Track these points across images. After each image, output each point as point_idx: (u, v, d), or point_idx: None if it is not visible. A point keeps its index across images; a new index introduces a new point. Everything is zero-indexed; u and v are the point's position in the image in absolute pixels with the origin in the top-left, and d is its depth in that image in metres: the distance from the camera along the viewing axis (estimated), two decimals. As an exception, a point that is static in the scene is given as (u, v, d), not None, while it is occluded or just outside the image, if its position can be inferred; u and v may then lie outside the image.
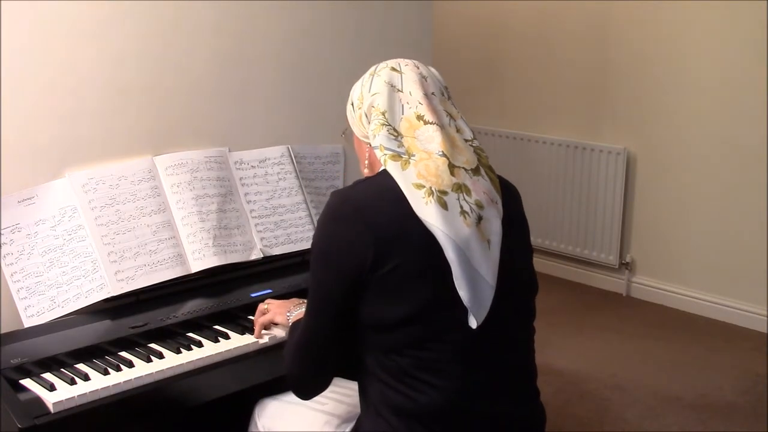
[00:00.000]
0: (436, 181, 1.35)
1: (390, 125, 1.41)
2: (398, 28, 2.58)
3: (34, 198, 1.82)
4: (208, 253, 1.96)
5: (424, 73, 1.48)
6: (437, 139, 1.39)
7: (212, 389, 1.71)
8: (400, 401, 1.38)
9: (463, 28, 4.48)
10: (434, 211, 1.33)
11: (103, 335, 1.72)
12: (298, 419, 1.66)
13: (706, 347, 3.43)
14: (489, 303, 1.35)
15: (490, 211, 1.38)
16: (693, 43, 3.62)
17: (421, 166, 1.36)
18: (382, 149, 1.40)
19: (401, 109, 1.42)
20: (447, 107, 1.46)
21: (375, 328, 1.38)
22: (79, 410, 1.50)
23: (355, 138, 1.55)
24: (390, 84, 1.45)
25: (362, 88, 1.50)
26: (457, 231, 1.33)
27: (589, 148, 4.01)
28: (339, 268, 1.37)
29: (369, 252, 1.33)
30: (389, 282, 1.34)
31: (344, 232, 1.35)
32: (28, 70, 1.81)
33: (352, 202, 1.37)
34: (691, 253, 3.78)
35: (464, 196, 1.36)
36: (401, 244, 1.33)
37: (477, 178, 1.39)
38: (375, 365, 1.41)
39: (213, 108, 2.16)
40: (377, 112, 1.43)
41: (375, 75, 1.48)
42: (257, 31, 2.23)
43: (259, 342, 1.77)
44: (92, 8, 1.90)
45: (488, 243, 1.36)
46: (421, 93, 1.43)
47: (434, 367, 1.36)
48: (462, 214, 1.34)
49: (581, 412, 2.87)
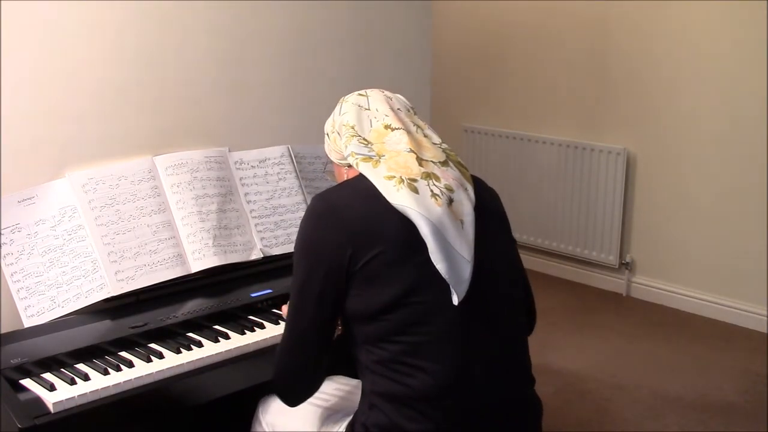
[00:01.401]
0: (405, 171, 1.42)
1: (360, 135, 1.51)
2: (398, 28, 2.58)
3: (34, 198, 1.82)
4: (208, 253, 1.96)
5: (389, 95, 1.59)
6: (404, 140, 1.48)
7: (212, 389, 1.71)
8: (392, 388, 1.40)
9: (463, 28, 4.48)
10: (405, 195, 1.39)
11: (103, 335, 1.72)
12: (301, 416, 1.66)
13: (706, 347, 3.43)
14: (467, 277, 1.39)
15: (460, 194, 1.44)
16: (693, 43, 3.62)
17: (391, 162, 1.44)
18: (354, 155, 1.48)
19: (369, 123, 1.52)
20: (414, 120, 1.56)
21: (362, 319, 1.41)
22: (79, 410, 1.50)
23: (336, 167, 1.63)
24: (357, 105, 1.56)
25: (333, 117, 1.60)
26: (429, 209, 1.38)
27: (589, 148, 4.01)
28: (319, 266, 1.41)
29: (347, 247, 1.38)
30: (370, 272, 1.38)
31: (321, 230, 1.41)
32: (28, 70, 1.82)
33: (327, 201, 1.44)
34: (691, 253, 3.78)
35: (433, 182, 1.43)
36: (377, 236, 1.39)
37: (445, 169, 1.47)
38: (367, 358, 1.43)
39: (213, 108, 2.16)
40: (347, 128, 1.53)
41: (343, 102, 1.59)
42: (258, 31, 2.23)
43: (259, 341, 1.77)
44: (93, 8, 1.90)
45: (461, 223, 1.42)
46: (387, 107, 1.54)
47: (423, 351, 1.39)
48: (433, 197, 1.40)
49: (581, 412, 2.87)
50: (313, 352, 1.46)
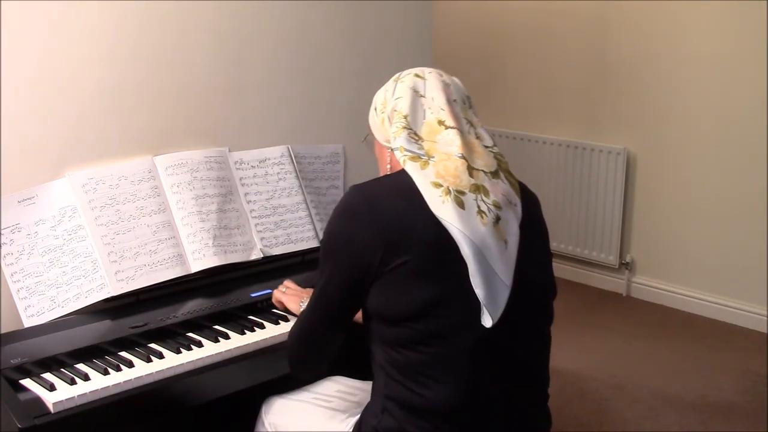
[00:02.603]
0: (454, 181, 1.36)
1: (411, 129, 1.43)
2: (398, 28, 2.58)
3: (34, 198, 1.82)
4: (208, 253, 1.95)
5: (447, 81, 1.50)
6: (457, 143, 1.40)
7: (212, 389, 1.71)
8: (407, 395, 1.38)
9: (463, 28, 4.48)
10: (451, 209, 1.33)
11: (103, 335, 1.72)
12: (304, 416, 1.67)
13: (706, 347, 3.43)
14: (504, 302, 1.35)
15: (507, 213, 1.39)
16: (693, 43, 3.62)
17: (440, 166, 1.37)
18: (402, 150, 1.41)
19: (423, 114, 1.45)
20: (468, 115, 1.48)
21: (383, 320, 1.39)
22: (79, 410, 1.49)
23: (377, 143, 1.56)
24: (414, 90, 1.47)
25: (386, 93, 1.51)
26: (474, 229, 1.33)
27: (589, 148, 4.01)
28: (347, 263, 1.39)
29: (378, 249, 1.34)
30: (397, 278, 1.35)
31: (355, 228, 1.37)
32: (28, 70, 1.81)
33: (365, 197, 1.39)
34: (691, 253, 3.78)
35: (482, 197, 1.37)
36: (411, 241, 1.34)
37: (496, 181, 1.40)
38: (383, 358, 1.42)
39: (213, 108, 2.16)
40: (399, 116, 1.45)
41: (399, 81, 1.50)
42: (257, 31, 2.23)
43: (259, 341, 1.77)
44: (93, 8, 1.90)
45: (505, 243, 1.36)
46: (443, 99, 1.45)
47: (442, 364, 1.36)
48: (479, 214, 1.35)
49: (581, 412, 2.87)
50: (327, 340, 1.51)
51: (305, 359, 1.57)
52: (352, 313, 1.47)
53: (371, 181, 1.44)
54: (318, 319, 1.49)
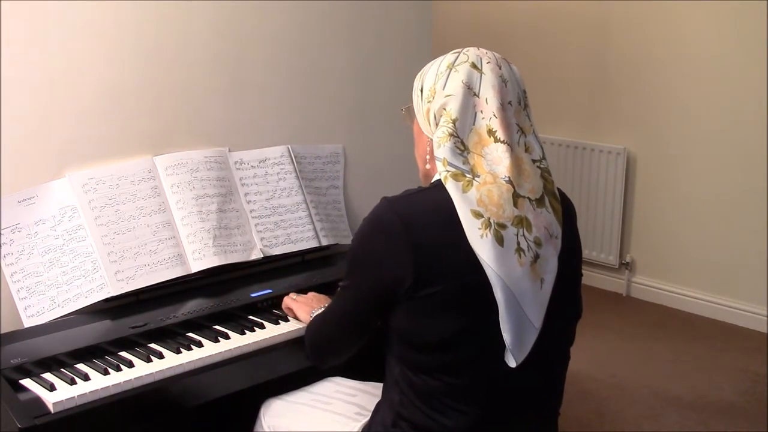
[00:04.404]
0: (496, 211, 1.28)
1: (458, 137, 1.32)
2: (397, 28, 2.58)
3: (34, 198, 1.82)
4: (208, 253, 1.95)
5: (505, 76, 1.38)
6: (505, 162, 1.31)
7: (212, 389, 1.71)
8: (422, 420, 1.37)
9: (463, 28, 4.48)
10: (489, 247, 1.27)
11: (103, 335, 1.72)
12: (303, 419, 1.66)
13: (706, 347, 3.43)
14: (531, 345, 1.32)
15: (547, 249, 1.33)
16: (693, 43, 3.62)
17: (483, 191, 1.29)
18: (446, 164, 1.31)
19: (473, 118, 1.34)
20: (520, 120, 1.37)
21: (403, 340, 1.37)
22: (79, 410, 1.49)
23: (416, 124, 1.46)
24: (467, 86, 1.35)
25: (436, 81, 1.38)
26: (510, 271, 1.28)
27: (589, 148, 4.01)
28: (374, 281, 1.35)
29: (408, 273, 1.29)
30: (425, 305, 1.31)
31: (387, 247, 1.31)
32: (28, 70, 1.81)
33: (400, 216, 1.30)
34: (691, 253, 3.78)
35: (524, 232, 1.29)
36: (444, 269, 1.29)
37: (540, 210, 1.33)
38: (401, 375, 1.39)
39: (213, 108, 2.16)
40: (448, 119, 1.34)
41: (453, 69, 1.37)
42: (257, 31, 2.23)
43: (259, 341, 1.77)
44: (94, 8, 1.89)
45: (541, 282, 1.32)
46: (497, 102, 1.34)
47: (463, 394, 1.35)
48: (518, 252, 1.29)
49: (581, 412, 2.87)
50: (342, 344, 1.52)
51: (321, 359, 1.59)
52: (372, 323, 1.44)
53: (406, 196, 1.35)
54: (338, 318, 1.49)
